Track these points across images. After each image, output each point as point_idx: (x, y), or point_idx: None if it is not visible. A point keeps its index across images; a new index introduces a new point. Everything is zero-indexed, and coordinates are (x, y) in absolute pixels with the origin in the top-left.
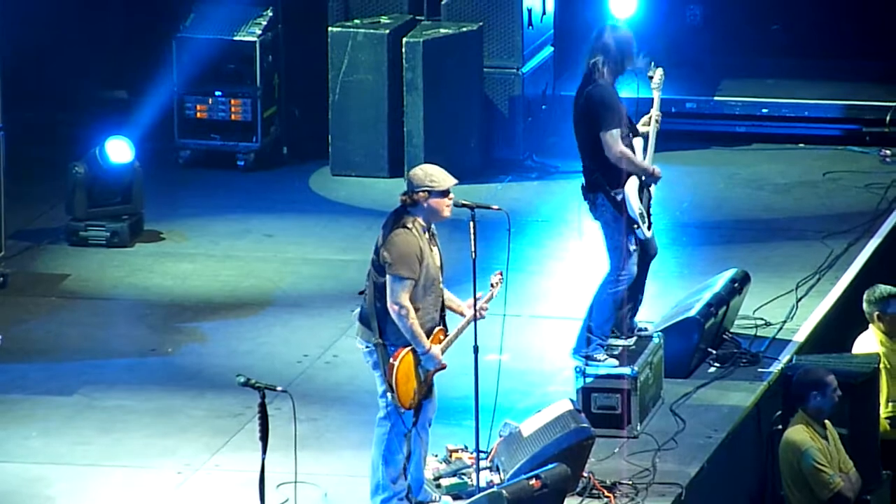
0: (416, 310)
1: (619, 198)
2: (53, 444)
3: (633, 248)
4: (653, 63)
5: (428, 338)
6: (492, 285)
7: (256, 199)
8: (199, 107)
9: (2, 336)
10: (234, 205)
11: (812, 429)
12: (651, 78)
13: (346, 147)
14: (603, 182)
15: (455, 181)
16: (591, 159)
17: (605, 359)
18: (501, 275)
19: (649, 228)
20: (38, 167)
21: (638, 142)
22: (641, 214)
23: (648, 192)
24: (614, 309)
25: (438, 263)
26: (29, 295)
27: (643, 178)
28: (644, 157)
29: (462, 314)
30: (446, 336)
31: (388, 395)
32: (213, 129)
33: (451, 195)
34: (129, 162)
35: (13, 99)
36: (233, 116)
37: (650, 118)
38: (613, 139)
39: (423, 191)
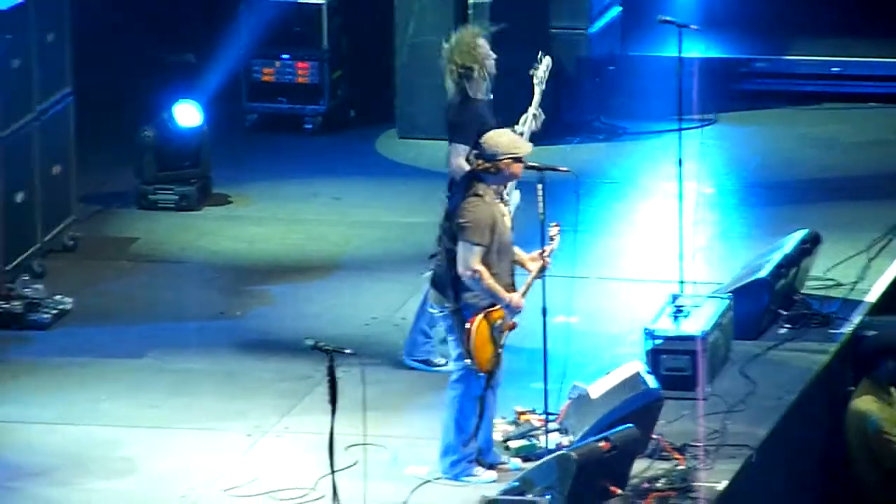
0: (493, 275)
1: None
2: (124, 406)
3: None
4: (540, 54)
5: None
6: (551, 238)
7: (323, 163)
8: (266, 70)
9: (72, 300)
10: (302, 168)
11: (878, 396)
12: (532, 74)
13: (413, 109)
14: None
15: (531, 146)
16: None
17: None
18: (558, 226)
19: None
20: (108, 131)
21: None
22: None
23: None
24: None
25: (510, 228)
26: (98, 258)
27: None
28: None
29: (526, 268)
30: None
31: (467, 360)
32: (280, 92)
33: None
34: (198, 126)
35: (82, 63)
36: (300, 79)
37: (527, 116)
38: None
39: (509, 158)
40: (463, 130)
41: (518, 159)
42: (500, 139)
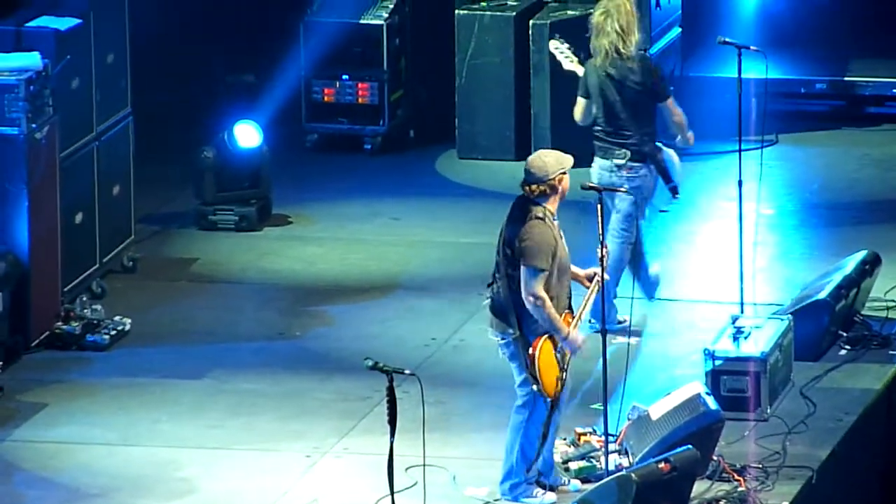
0: (552, 298)
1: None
2: (183, 427)
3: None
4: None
5: None
6: (600, 259)
7: (383, 183)
8: (326, 90)
9: (130, 321)
10: (362, 188)
11: None
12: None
13: (473, 130)
14: (654, 152)
15: (572, 158)
16: (646, 127)
17: None
18: (607, 247)
19: None
20: (167, 151)
21: None
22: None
23: None
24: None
25: (566, 250)
26: (158, 279)
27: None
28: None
29: (582, 283)
30: (573, 317)
31: (534, 386)
32: (340, 112)
33: None
34: (258, 146)
35: (142, 83)
36: (360, 100)
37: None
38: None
39: (560, 174)
40: (667, 83)
41: (565, 172)
42: (547, 159)
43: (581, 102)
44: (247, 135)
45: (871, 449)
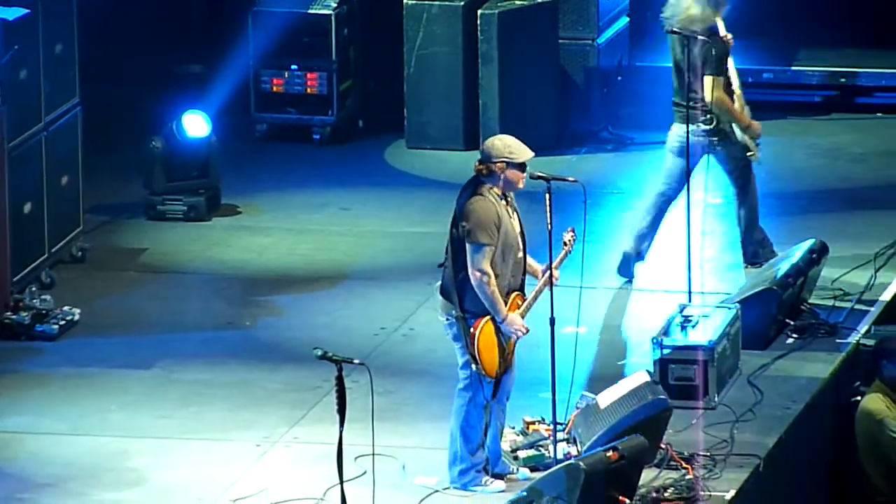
0: (496, 275)
1: None
2: (133, 417)
3: None
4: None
5: (505, 302)
6: (564, 243)
7: (332, 173)
8: (274, 80)
9: (80, 310)
10: (310, 178)
11: (888, 398)
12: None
13: (422, 120)
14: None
15: (532, 154)
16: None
17: None
18: (574, 232)
19: None
20: (116, 142)
21: None
22: None
23: None
24: None
25: (518, 230)
26: (107, 269)
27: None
28: None
29: (536, 276)
30: (524, 301)
31: (473, 366)
32: (288, 102)
33: (527, 168)
34: (206, 136)
35: (90, 73)
36: (308, 90)
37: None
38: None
39: (502, 161)
40: (715, 62)
41: (516, 165)
42: (496, 142)
43: None
44: (195, 125)
45: (819, 437)
